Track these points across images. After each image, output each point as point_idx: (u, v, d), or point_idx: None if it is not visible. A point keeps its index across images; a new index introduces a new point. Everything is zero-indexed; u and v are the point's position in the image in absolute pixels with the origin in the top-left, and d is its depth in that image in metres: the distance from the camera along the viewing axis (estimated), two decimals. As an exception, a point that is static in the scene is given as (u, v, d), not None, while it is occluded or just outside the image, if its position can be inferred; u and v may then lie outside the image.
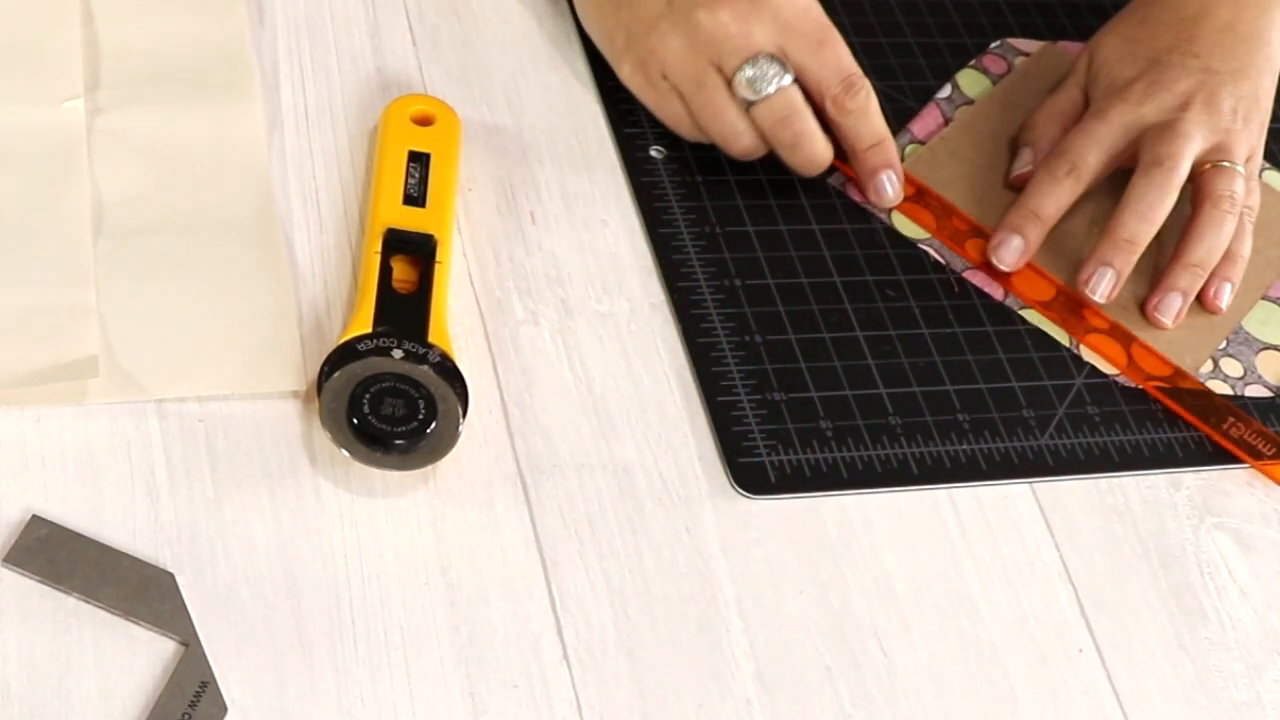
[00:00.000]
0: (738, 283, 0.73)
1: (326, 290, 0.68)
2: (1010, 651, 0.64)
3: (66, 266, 0.66)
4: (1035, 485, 0.69)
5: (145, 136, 0.71)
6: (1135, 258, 0.74)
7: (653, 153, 0.77)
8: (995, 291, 0.75)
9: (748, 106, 0.74)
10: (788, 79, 0.73)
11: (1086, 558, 0.67)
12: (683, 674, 0.61)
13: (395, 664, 0.58)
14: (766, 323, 0.71)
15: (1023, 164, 0.79)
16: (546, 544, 0.63)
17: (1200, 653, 0.65)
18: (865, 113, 0.75)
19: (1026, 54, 0.86)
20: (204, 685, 0.56)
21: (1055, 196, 0.75)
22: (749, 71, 0.73)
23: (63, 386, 0.62)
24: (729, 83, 0.73)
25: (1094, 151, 0.76)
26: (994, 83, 0.84)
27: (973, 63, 0.85)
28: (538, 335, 0.69)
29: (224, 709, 0.56)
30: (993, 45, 0.86)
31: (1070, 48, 0.85)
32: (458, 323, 0.68)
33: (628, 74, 0.76)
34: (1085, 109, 0.79)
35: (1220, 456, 0.71)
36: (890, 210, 0.77)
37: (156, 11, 0.76)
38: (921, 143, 0.80)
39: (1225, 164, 0.75)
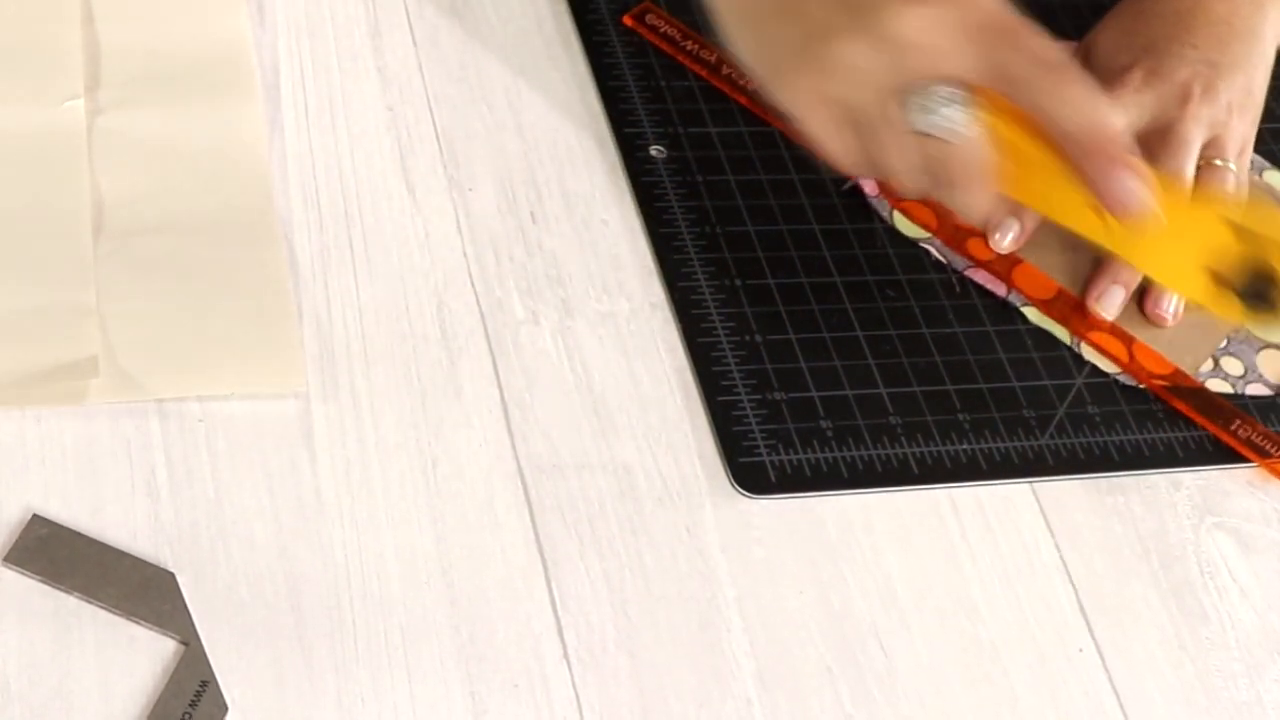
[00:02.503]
0: (738, 283, 0.73)
1: (327, 290, 0.68)
2: (1010, 651, 0.64)
3: (66, 266, 0.66)
4: (1035, 485, 0.69)
5: (145, 136, 0.71)
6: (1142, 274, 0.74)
7: (653, 153, 0.77)
8: (998, 289, 0.75)
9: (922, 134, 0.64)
10: (973, 124, 0.63)
11: (1086, 558, 0.67)
12: (683, 674, 0.61)
13: (395, 664, 0.58)
14: (767, 322, 0.71)
15: None
16: (546, 544, 0.63)
17: (1200, 653, 0.65)
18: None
19: None
20: (204, 685, 0.56)
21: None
22: (929, 102, 0.63)
23: (63, 386, 0.62)
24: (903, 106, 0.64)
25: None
26: None
27: None
28: (538, 335, 0.69)
29: (224, 709, 0.56)
30: None
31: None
32: (458, 323, 0.68)
33: (789, 96, 0.66)
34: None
35: (1220, 456, 0.71)
36: (892, 210, 0.77)
37: (156, 11, 0.76)
38: None
39: (1218, 162, 0.75)
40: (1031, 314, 0.74)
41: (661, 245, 0.73)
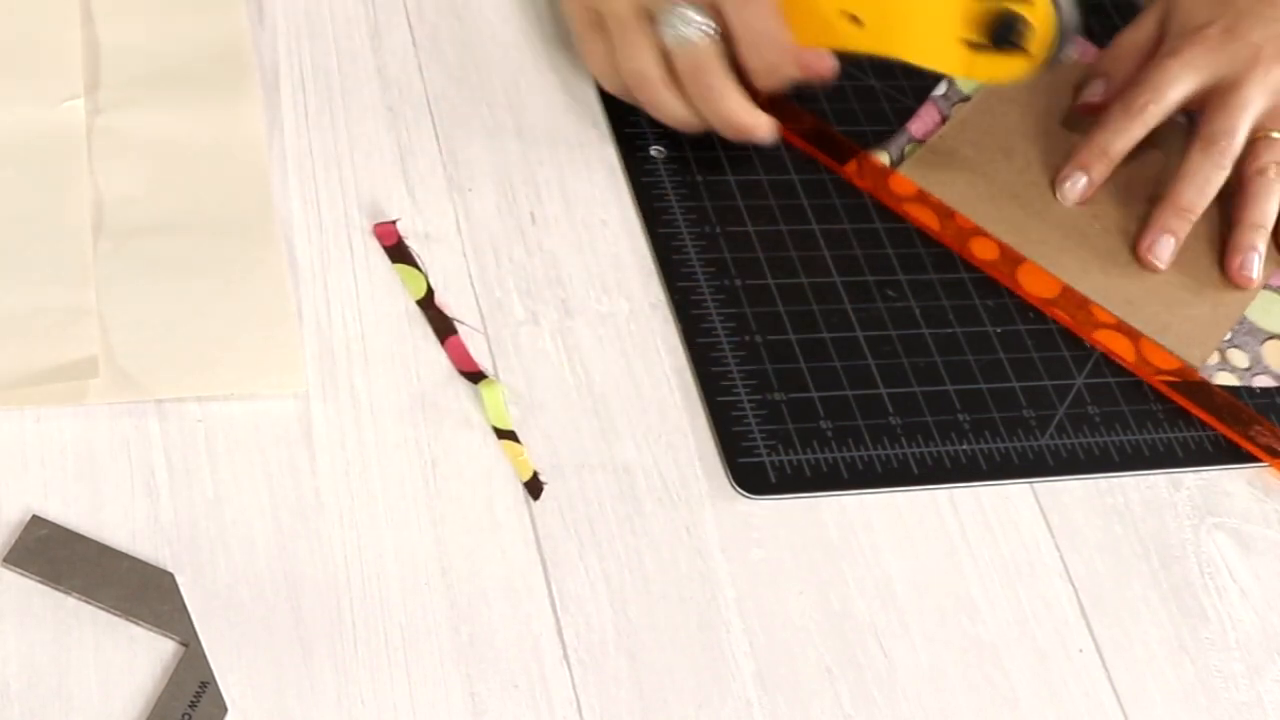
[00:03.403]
0: (738, 283, 0.73)
1: (326, 290, 0.68)
2: (1010, 651, 0.64)
3: (66, 266, 0.66)
4: (1035, 485, 0.69)
5: (145, 136, 0.71)
6: (1191, 225, 0.77)
7: (653, 153, 0.77)
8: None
9: (669, 53, 0.72)
10: (708, 29, 0.71)
11: (1086, 558, 0.67)
12: (683, 674, 0.61)
13: (395, 664, 0.58)
14: (766, 323, 0.71)
15: (1092, 92, 0.81)
16: (546, 544, 0.63)
17: (1200, 653, 0.65)
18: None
19: None
20: (204, 685, 0.56)
21: (1127, 133, 0.77)
22: (672, 17, 0.71)
23: (63, 386, 0.62)
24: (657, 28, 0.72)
25: (1170, 91, 0.77)
26: None
27: None
28: (538, 335, 0.69)
29: (224, 709, 0.56)
30: None
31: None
32: (458, 323, 0.68)
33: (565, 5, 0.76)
34: (1159, 45, 0.80)
35: (1220, 456, 0.71)
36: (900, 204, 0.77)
37: (156, 11, 0.76)
38: (920, 142, 0.80)
39: (1276, 134, 0.77)
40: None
41: (661, 245, 0.73)
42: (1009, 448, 0.70)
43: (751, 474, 0.66)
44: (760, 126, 0.74)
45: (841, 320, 0.73)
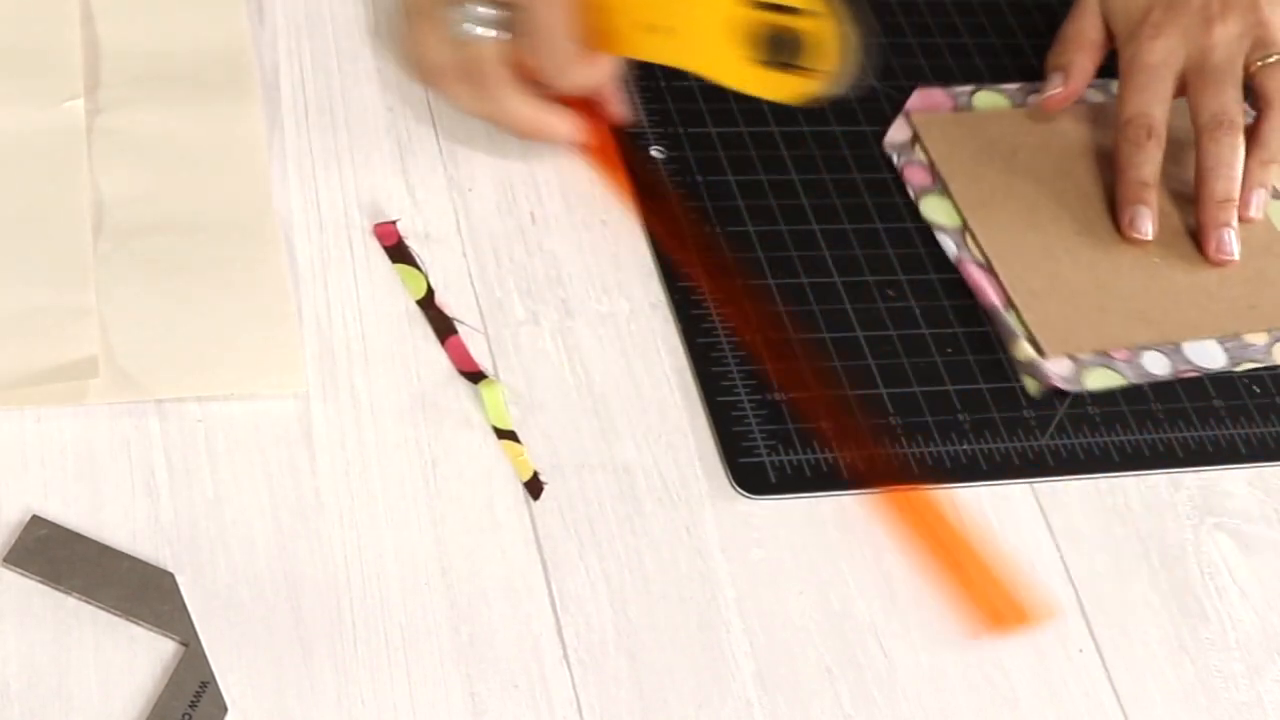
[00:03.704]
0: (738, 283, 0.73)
1: (326, 290, 0.68)
2: (1010, 651, 0.64)
3: (66, 266, 0.66)
4: (1035, 485, 0.69)
5: (145, 136, 0.71)
6: (1235, 209, 0.78)
7: (653, 153, 0.77)
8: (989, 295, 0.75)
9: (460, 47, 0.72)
10: (481, 31, 0.71)
11: (1086, 558, 0.67)
12: (683, 674, 0.61)
13: (395, 664, 0.58)
14: (766, 323, 0.71)
15: (1053, 86, 0.82)
16: (546, 544, 0.63)
17: (1200, 653, 0.65)
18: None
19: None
20: (204, 685, 0.56)
21: (1151, 160, 0.78)
22: (463, 11, 0.71)
23: (63, 386, 0.62)
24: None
25: (1157, 106, 0.78)
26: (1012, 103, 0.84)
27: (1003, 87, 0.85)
28: (538, 335, 0.69)
29: (224, 709, 0.56)
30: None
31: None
32: (458, 323, 0.68)
33: None
34: (1105, 35, 0.82)
35: (1220, 456, 0.71)
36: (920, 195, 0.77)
37: (156, 11, 0.76)
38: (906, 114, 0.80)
39: (1273, 57, 0.78)
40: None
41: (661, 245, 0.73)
42: (1009, 448, 0.70)
43: (751, 474, 0.66)
44: (548, 128, 0.73)
45: (841, 320, 0.73)
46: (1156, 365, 0.73)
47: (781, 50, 0.64)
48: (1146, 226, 0.77)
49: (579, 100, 0.74)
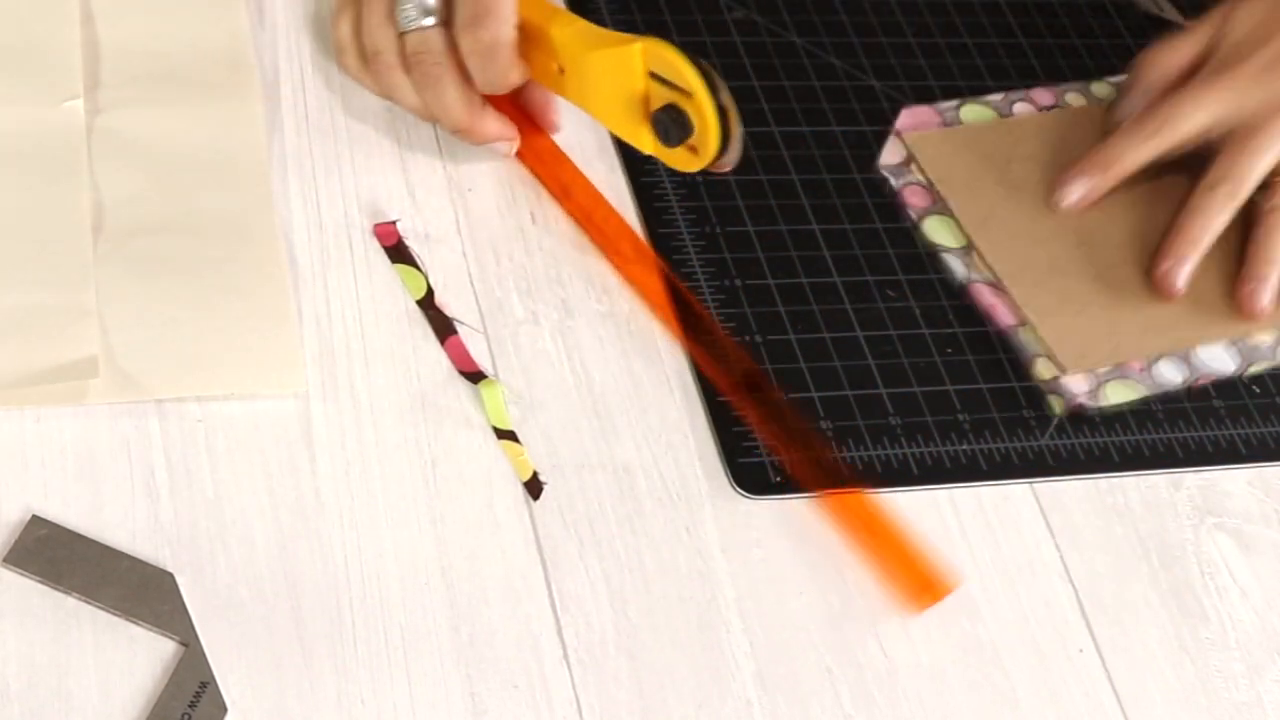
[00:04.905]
0: (738, 282, 0.73)
1: (326, 290, 0.68)
2: (1010, 651, 0.64)
3: (66, 266, 0.66)
4: (1035, 485, 0.69)
5: (145, 136, 0.71)
6: (1200, 255, 0.75)
7: (653, 153, 0.77)
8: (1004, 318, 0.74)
9: (400, 36, 0.71)
10: (429, 20, 0.70)
11: (1086, 558, 0.67)
12: (683, 674, 0.61)
13: (395, 664, 0.58)
14: (766, 323, 0.71)
15: (1130, 107, 0.79)
16: (546, 544, 0.63)
17: (1200, 653, 0.65)
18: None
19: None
20: (204, 685, 0.56)
21: (1134, 152, 0.76)
22: (409, 2, 0.70)
23: (63, 386, 0.62)
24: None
25: (1188, 121, 0.76)
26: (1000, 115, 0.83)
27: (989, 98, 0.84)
28: (538, 335, 0.69)
29: (224, 709, 0.56)
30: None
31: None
32: (458, 323, 0.68)
33: None
34: (1202, 62, 0.78)
35: (1220, 456, 0.71)
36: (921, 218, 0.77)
37: (156, 11, 0.76)
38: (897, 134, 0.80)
39: None
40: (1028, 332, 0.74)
41: (661, 245, 0.73)
42: (1009, 448, 0.70)
43: (751, 474, 0.66)
44: (484, 127, 0.72)
45: (841, 320, 0.73)
46: (1172, 374, 0.73)
47: (672, 124, 0.66)
48: (1071, 198, 0.77)
49: (516, 108, 0.74)
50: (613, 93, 0.68)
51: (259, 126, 0.73)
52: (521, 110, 0.75)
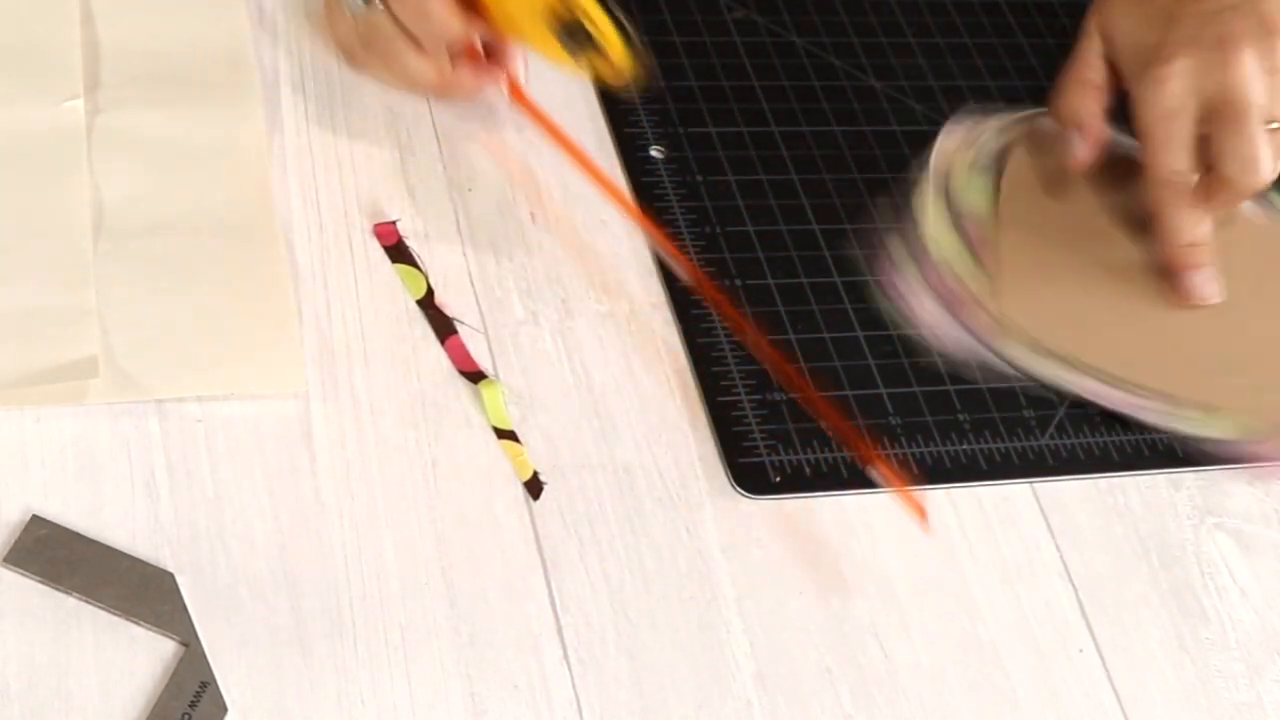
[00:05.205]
0: (738, 282, 0.73)
1: (326, 290, 0.68)
2: (1010, 651, 0.64)
3: (66, 266, 0.66)
4: (1035, 485, 0.69)
5: (145, 136, 0.71)
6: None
7: (653, 153, 0.77)
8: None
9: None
10: (377, 4, 0.72)
11: (1086, 558, 0.67)
12: (683, 674, 0.61)
13: (395, 664, 0.58)
14: (766, 323, 0.71)
15: (1079, 149, 0.77)
16: (546, 544, 0.63)
17: (1201, 653, 0.65)
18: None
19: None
20: (204, 685, 0.56)
21: (1195, 220, 0.74)
22: None
23: (63, 386, 0.62)
24: None
25: (1185, 158, 0.73)
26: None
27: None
28: (538, 335, 0.69)
29: (224, 709, 0.56)
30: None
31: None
32: (458, 323, 0.68)
33: None
34: (1111, 77, 0.77)
35: (1221, 456, 0.71)
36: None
37: (156, 11, 0.76)
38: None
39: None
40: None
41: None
42: (1009, 448, 0.70)
43: (751, 474, 0.66)
44: (455, 85, 0.75)
45: (841, 320, 0.73)
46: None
47: (580, 38, 0.69)
48: (1210, 290, 0.74)
49: (479, 58, 0.76)
50: (525, 11, 0.71)
51: (259, 126, 0.73)
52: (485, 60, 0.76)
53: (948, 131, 0.78)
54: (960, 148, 0.78)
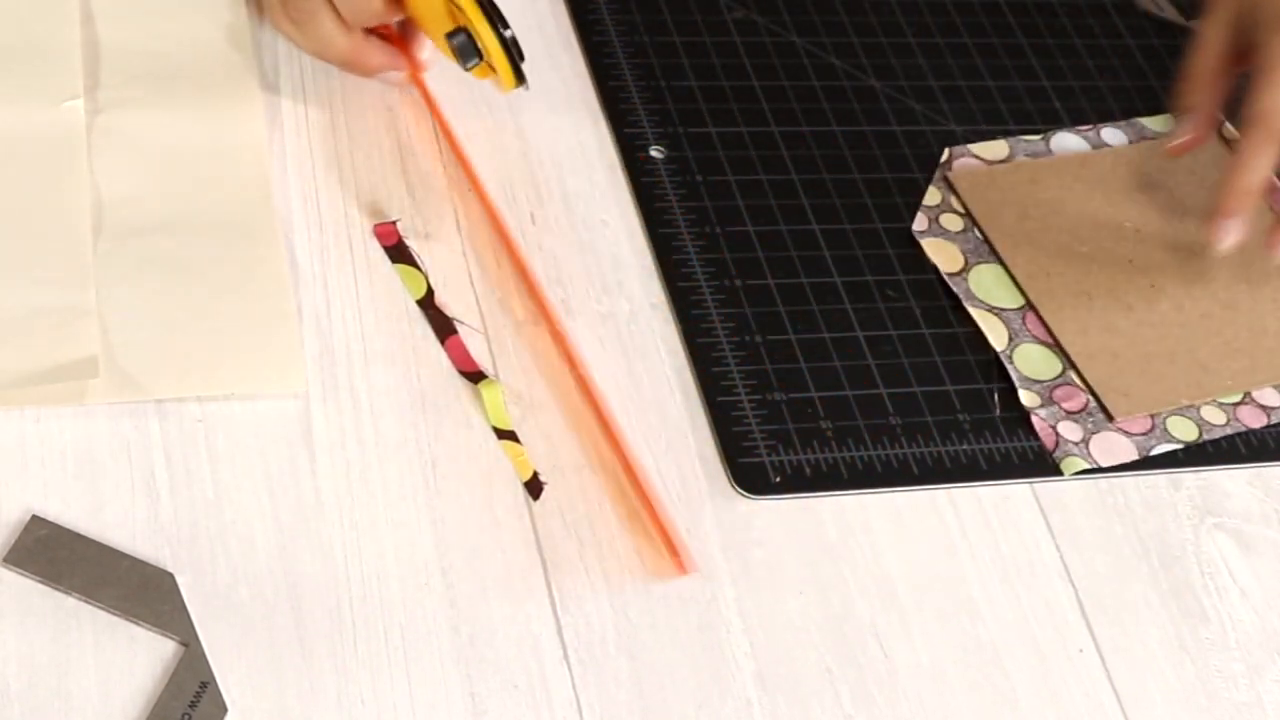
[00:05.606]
0: (738, 283, 0.73)
1: (326, 290, 0.68)
2: (1010, 651, 0.64)
3: (66, 266, 0.66)
4: (1035, 485, 0.69)
5: (145, 136, 0.71)
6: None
7: (653, 153, 0.77)
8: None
9: None
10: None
11: (1086, 558, 0.67)
12: (683, 674, 0.61)
13: (395, 664, 0.58)
14: (766, 323, 0.71)
15: (1184, 133, 0.77)
16: (546, 544, 0.63)
17: (1201, 653, 0.65)
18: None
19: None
20: (204, 685, 0.56)
21: (1265, 168, 0.74)
22: None
23: (63, 386, 0.62)
24: None
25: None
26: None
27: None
28: (538, 335, 0.69)
29: (224, 709, 0.56)
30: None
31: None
32: (458, 323, 0.68)
33: None
34: (1235, 50, 0.77)
35: (1220, 456, 0.71)
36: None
37: (156, 11, 0.76)
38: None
39: None
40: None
41: (661, 245, 0.73)
42: (1009, 448, 0.70)
43: (751, 474, 0.66)
44: (365, 58, 0.75)
45: (841, 320, 0.73)
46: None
47: (468, 51, 0.72)
48: (1235, 238, 0.74)
49: (393, 37, 0.76)
50: (428, 14, 0.72)
51: (259, 126, 0.73)
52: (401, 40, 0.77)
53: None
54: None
